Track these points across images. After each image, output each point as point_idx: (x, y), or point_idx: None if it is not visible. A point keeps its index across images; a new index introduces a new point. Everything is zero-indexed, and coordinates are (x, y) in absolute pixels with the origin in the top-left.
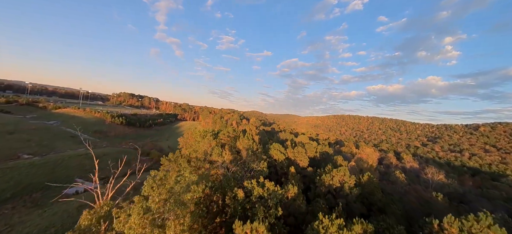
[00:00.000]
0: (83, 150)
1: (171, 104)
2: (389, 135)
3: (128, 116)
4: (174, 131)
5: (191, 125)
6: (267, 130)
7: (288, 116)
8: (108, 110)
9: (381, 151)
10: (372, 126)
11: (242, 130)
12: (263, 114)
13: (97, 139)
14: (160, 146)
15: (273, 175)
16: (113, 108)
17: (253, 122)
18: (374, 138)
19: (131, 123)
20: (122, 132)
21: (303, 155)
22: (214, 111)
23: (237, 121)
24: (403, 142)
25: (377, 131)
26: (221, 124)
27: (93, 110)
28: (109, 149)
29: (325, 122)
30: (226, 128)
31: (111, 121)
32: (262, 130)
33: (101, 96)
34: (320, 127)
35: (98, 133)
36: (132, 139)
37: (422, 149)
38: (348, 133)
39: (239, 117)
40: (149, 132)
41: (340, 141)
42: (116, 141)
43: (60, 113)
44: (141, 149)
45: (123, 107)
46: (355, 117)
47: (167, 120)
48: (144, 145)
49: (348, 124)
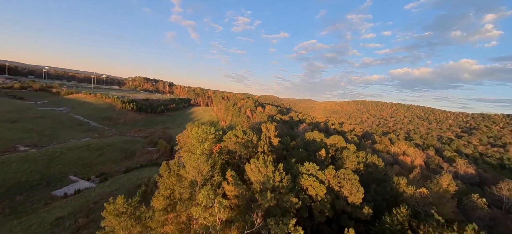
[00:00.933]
0: (87, 139)
1: (185, 89)
2: (416, 124)
3: (140, 102)
4: (187, 117)
5: (204, 111)
6: (285, 119)
7: (304, 101)
8: (119, 95)
9: (417, 146)
10: (397, 114)
11: (256, 129)
12: (279, 99)
13: (106, 127)
14: (170, 134)
15: (307, 223)
16: (128, 92)
17: (269, 110)
18: (400, 127)
19: (142, 109)
20: (132, 118)
21: (352, 182)
22: (227, 96)
23: (252, 109)
24: (434, 133)
25: (402, 120)
26: (234, 112)
27: (104, 95)
28: (115, 138)
29: (344, 108)
30: (232, 131)
31: (121, 107)
32: (280, 120)
33: (118, 80)
34: (338, 113)
35: (107, 120)
36: (143, 126)
37: (457, 141)
38: (370, 121)
39: (253, 104)
40: (160, 119)
41: (369, 134)
42: (125, 128)
43: (71, 99)
44: (149, 138)
45: (138, 91)
46: (378, 103)
47: (180, 105)
48: (153, 133)
49: (369, 111)
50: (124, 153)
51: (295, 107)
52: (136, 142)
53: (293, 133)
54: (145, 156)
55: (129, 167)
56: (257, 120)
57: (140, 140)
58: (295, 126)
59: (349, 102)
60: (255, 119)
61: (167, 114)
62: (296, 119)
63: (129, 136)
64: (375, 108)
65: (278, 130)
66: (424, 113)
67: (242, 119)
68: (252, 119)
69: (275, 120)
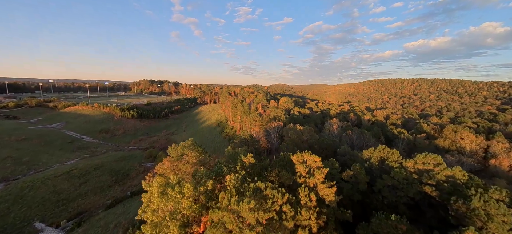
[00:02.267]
0: (73, 162)
1: (191, 87)
2: (445, 99)
3: (141, 108)
4: (193, 118)
5: (212, 110)
6: (304, 112)
7: (315, 86)
8: (121, 102)
9: (476, 132)
10: (420, 90)
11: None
12: (289, 87)
13: (101, 141)
14: (174, 141)
15: None
16: (132, 98)
17: (283, 103)
18: (428, 106)
19: (143, 115)
20: (133, 127)
21: None
22: (234, 91)
23: (263, 104)
24: (471, 108)
25: (428, 96)
26: (243, 110)
27: (102, 105)
28: (108, 156)
29: (360, 89)
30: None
31: (120, 116)
32: (300, 115)
33: (125, 85)
34: (355, 96)
35: (103, 133)
36: (144, 134)
37: (503, 116)
38: (392, 101)
39: (265, 98)
40: (164, 123)
41: (411, 121)
42: (124, 140)
43: (67, 112)
44: (149, 150)
45: (144, 95)
46: (397, 80)
47: (185, 106)
48: (155, 142)
49: (389, 90)
50: (115, 176)
51: (307, 93)
52: (133, 157)
53: (331, 141)
54: (141, 176)
55: (117, 198)
56: (272, 115)
57: (139, 154)
58: (320, 121)
59: (365, 83)
60: (269, 115)
61: (172, 117)
62: (317, 110)
63: (127, 150)
64: (395, 86)
65: (306, 135)
66: (451, 86)
67: (254, 119)
68: (265, 116)
69: (294, 117)
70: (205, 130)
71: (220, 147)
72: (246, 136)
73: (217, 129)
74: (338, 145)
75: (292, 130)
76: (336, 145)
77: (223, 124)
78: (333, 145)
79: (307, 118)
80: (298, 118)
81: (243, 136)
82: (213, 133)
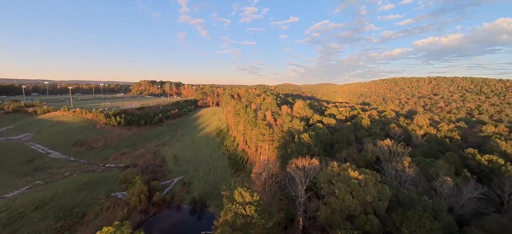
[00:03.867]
0: (19, 191)
1: (193, 88)
2: (472, 100)
3: (130, 113)
4: (191, 124)
5: (213, 114)
6: (329, 123)
7: (323, 85)
8: (108, 105)
9: None
10: (439, 89)
11: None
12: (296, 86)
13: (71, 157)
14: (164, 155)
15: None
16: (129, 100)
17: (299, 109)
18: (455, 107)
19: (132, 122)
20: (117, 137)
21: None
22: (238, 93)
23: (273, 110)
24: (508, 110)
25: (450, 97)
26: (248, 119)
27: (85, 110)
28: (69, 182)
29: (373, 88)
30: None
31: (105, 123)
32: (325, 129)
33: (125, 86)
34: (368, 96)
35: (78, 146)
36: (129, 146)
37: None
38: (412, 101)
39: (275, 101)
40: (157, 131)
41: (460, 128)
42: (103, 154)
43: (45, 119)
44: (124, 173)
45: (143, 97)
46: (412, 79)
47: (184, 110)
48: (140, 157)
49: (404, 90)
50: (62, 220)
51: (317, 94)
52: (103, 182)
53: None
54: (104, 217)
55: None
56: (285, 127)
57: (113, 177)
58: (354, 137)
59: (377, 82)
60: (282, 126)
61: (167, 123)
62: (341, 117)
63: (100, 170)
64: (410, 85)
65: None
66: (474, 85)
67: (261, 132)
68: (276, 128)
69: (318, 131)
70: (202, 140)
71: (216, 168)
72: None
73: (216, 140)
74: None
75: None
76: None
77: (223, 134)
78: None
79: (336, 133)
80: (323, 133)
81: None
82: (211, 145)
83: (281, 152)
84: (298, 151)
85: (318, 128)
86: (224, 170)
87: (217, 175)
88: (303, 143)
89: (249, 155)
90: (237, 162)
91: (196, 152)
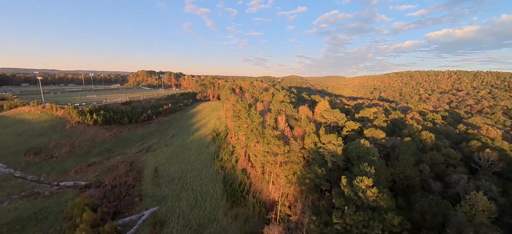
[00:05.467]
0: None
1: (193, 79)
2: (507, 98)
3: (113, 109)
4: (185, 122)
5: (212, 110)
6: (377, 138)
7: (331, 78)
8: (83, 100)
9: None
10: (461, 84)
11: None
12: (304, 79)
13: (16, 173)
14: (141, 168)
15: None
16: (123, 92)
17: (325, 112)
18: (487, 106)
19: (113, 120)
20: (90, 140)
21: None
22: (240, 86)
23: (288, 113)
24: None
25: (476, 93)
26: (251, 128)
27: (55, 106)
28: None
29: (385, 82)
30: None
31: (78, 121)
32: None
33: (122, 77)
34: (383, 91)
35: (32, 154)
36: (104, 152)
37: None
38: (434, 97)
39: (288, 100)
40: (144, 130)
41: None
42: (64, 165)
43: (8, 116)
44: (73, 204)
45: (140, 88)
46: (429, 73)
47: (179, 105)
48: (112, 170)
49: (421, 84)
50: None
51: (327, 87)
52: (40, 218)
53: None
54: None
55: None
56: (309, 143)
57: (58, 207)
58: (428, 170)
59: (390, 75)
60: (305, 144)
61: (158, 121)
62: (380, 123)
63: (47, 193)
64: (427, 79)
65: None
66: (500, 80)
67: (273, 150)
68: (295, 144)
69: (364, 152)
70: (194, 146)
71: (206, 196)
72: None
73: (210, 148)
74: None
75: None
76: None
77: (220, 139)
78: None
79: (396, 162)
80: (380, 166)
81: None
82: (203, 155)
83: (306, 190)
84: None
85: (360, 146)
86: (216, 202)
87: (205, 210)
88: (358, 192)
89: (252, 180)
90: (235, 191)
91: (183, 165)
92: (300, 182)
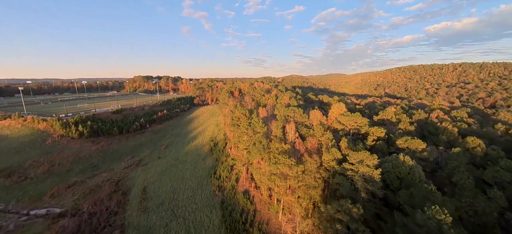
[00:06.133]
0: None
1: (191, 83)
2: None
3: (102, 119)
4: (180, 131)
5: (210, 115)
6: (421, 152)
7: (332, 76)
8: (68, 110)
9: None
10: (467, 77)
11: None
12: (304, 78)
13: None
14: (128, 189)
15: None
16: (117, 99)
17: (342, 117)
18: (502, 99)
19: (101, 132)
20: (73, 155)
21: None
22: (239, 89)
23: (298, 120)
24: None
25: (485, 85)
26: (253, 140)
27: (37, 118)
28: None
29: (388, 77)
30: None
31: (61, 135)
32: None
33: (119, 83)
34: (387, 86)
35: (3, 176)
36: (86, 169)
37: None
38: (442, 91)
39: (295, 102)
40: (134, 142)
41: None
42: (38, 188)
43: None
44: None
45: (137, 94)
46: (433, 66)
47: (175, 110)
48: (95, 191)
49: (425, 78)
50: None
51: (329, 85)
52: None
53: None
54: None
55: None
56: (329, 160)
57: None
58: (504, 202)
59: (393, 70)
60: (322, 160)
61: (151, 129)
62: (408, 128)
63: (12, 226)
64: (431, 73)
65: None
66: (508, 71)
67: (282, 171)
68: (311, 164)
69: (407, 178)
70: (190, 159)
71: (200, 227)
72: None
73: (207, 161)
74: None
75: None
76: None
77: (218, 151)
78: None
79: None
80: (431, 193)
81: None
82: (199, 170)
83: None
84: None
85: (408, 172)
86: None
87: None
88: None
89: (256, 206)
90: (236, 221)
91: (176, 183)
92: (325, 226)
